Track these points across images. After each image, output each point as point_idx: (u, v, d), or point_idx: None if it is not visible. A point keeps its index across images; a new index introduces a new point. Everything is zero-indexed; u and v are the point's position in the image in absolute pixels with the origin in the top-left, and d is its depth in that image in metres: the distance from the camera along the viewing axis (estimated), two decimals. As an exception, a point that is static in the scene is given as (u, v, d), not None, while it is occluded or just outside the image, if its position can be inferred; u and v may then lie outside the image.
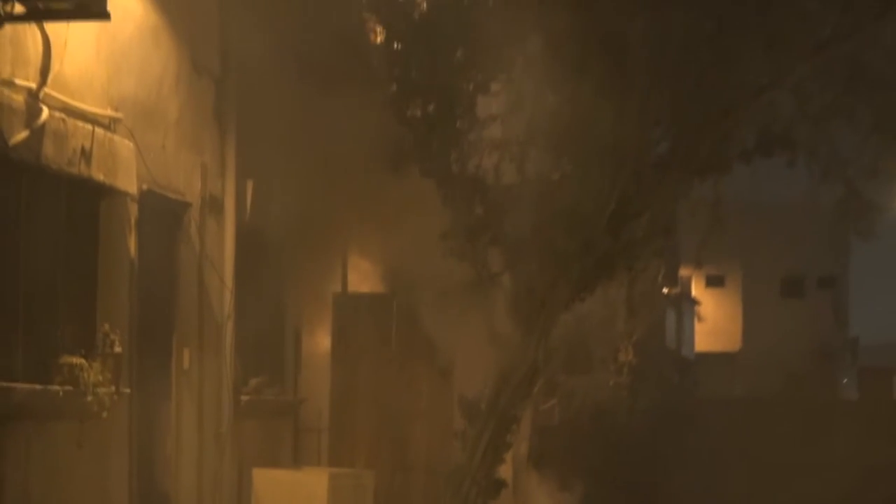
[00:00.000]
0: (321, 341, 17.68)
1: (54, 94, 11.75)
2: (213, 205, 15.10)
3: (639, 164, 19.29)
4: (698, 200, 20.54)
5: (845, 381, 61.89)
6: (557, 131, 19.13)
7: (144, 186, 13.44)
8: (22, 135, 11.27)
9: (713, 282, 65.08)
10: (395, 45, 17.31)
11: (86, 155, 12.23)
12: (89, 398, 12.15)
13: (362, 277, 17.84)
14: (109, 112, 12.75)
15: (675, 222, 21.27)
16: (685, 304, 52.42)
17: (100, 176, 12.47)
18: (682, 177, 19.70)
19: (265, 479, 15.92)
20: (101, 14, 11.37)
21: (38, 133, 11.47)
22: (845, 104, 20.20)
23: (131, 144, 13.04)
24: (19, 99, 11.26)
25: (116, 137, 12.78)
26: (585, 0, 18.43)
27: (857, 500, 27.93)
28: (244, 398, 15.71)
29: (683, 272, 48.33)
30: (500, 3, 18.86)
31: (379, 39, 16.62)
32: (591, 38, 18.67)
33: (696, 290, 59.70)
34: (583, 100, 19.03)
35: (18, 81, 11.31)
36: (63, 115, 11.88)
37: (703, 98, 19.08)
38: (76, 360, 12.14)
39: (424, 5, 18.63)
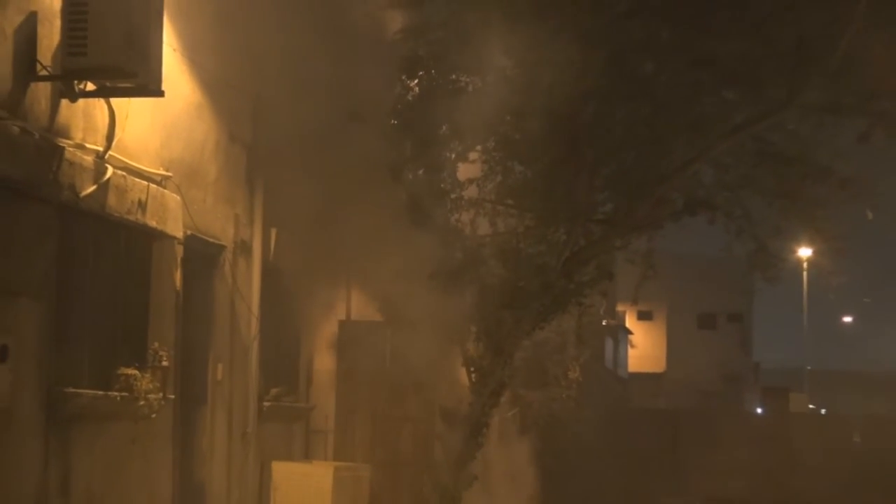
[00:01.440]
0: (328, 359, 17.65)
1: (117, 155, 11.73)
2: (243, 248, 15.09)
3: (588, 221, 19.35)
4: (635, 251, 20.55)
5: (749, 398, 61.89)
6: (522, 193, 19.18)
7: (188, 232, 13.42)
8: (90, 189, 11.25)
9: (644, 316, 65.12)
10: (393, 122, 17.39)
11: (141, 205, 12.22)
12: (141, 403, 12.11)
13: (363, 308, 17.82)
14: (161, 171, 12.76)
15: (616, 268, 21.27)
16: (621, 333, 52.46)
17: (153, 223, 12.46)
18: (622, 232, 19.70)
19: (282, 471, 15.91)
20: (157, 92, 11.41)
21: (103, 187, 11.45)
22: (755, 176, 20.27)
23: (178, 198, 13.03)
24: (89, 159, 11.25)
25: (166, 192, 12.77)
26: (546, 88, 18.48)
27: (758, 492, 27.90)
28: (266, 405, 15.66)
29: (620, 308, 48.40)
30: (476, 90, 18.91)
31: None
32: (550, 119, 18.70)
33: (630, 322, 59.63)
34: (543, 169, 19.08)
35: (88, 145, 11.30)
36: (124, 173, 11.87)
37: (641, 169, 19.11)
38: (131, 371, 12.10)
39: (417, 90, 18.70)
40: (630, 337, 57.14)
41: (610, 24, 18.14)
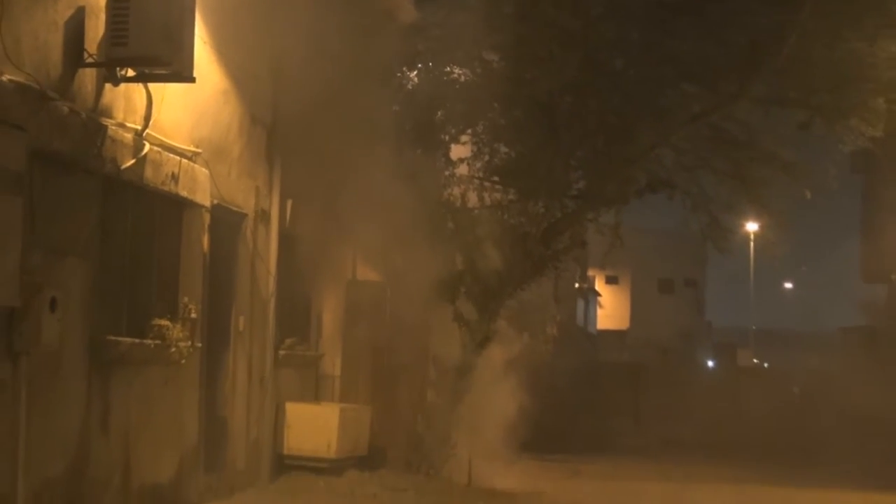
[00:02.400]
0: (336, 314, 17.63)
1: (153, 134, 11.68)
2: (262, 216, 15.04)
3: (564, 196, 19.43)
4: (604, 223, 20.63)
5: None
6: (507, 171, 19.23)
7: (215, 201, 13.37)
8: (130, 162, 11.21)
9: (611, 280, 65.17)
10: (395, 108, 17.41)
11: (174, 178, 12.18)
12: (172, 350, 12.09)
13: (367, 270, 17.82)
14: (192, 148, 12.70)
15: (587, 238, 21.30)
16: (591, 295, 52.48)
17: (184, 193, 12.42)
18: (593, 206, 19.80)
19: (294, 411, 15.89)
20: (189, 78, 11.36)
21: (141, 161, 11.41)
22: (710, 158, 20.34)
23: (206, 171, 12.99)
24: (129, 137, 11.22)
25: (196, 166, 12.74)
26: (529, 81, 18.49)
27: (708, 435, 27.96)
28: (281, 353, 15.63)
29: (591, 273, 48.42)
30: (467, 81, 18.92)
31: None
32: (532, 107, 18.76)
33: (599, 285, 59.71)
34: (525, 150, 19.13)
35: (128, 124, 11.26)
36: (159, 149, 11.83)
37: (610, 152, 19.19)
38: (164, 322, 12.07)
39: (416, 81, 18.71)
40: (598, 298, 57.24)
41: (586, 26, 18.17)
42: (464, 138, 19.07)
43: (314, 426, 15.82)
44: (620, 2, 18.60)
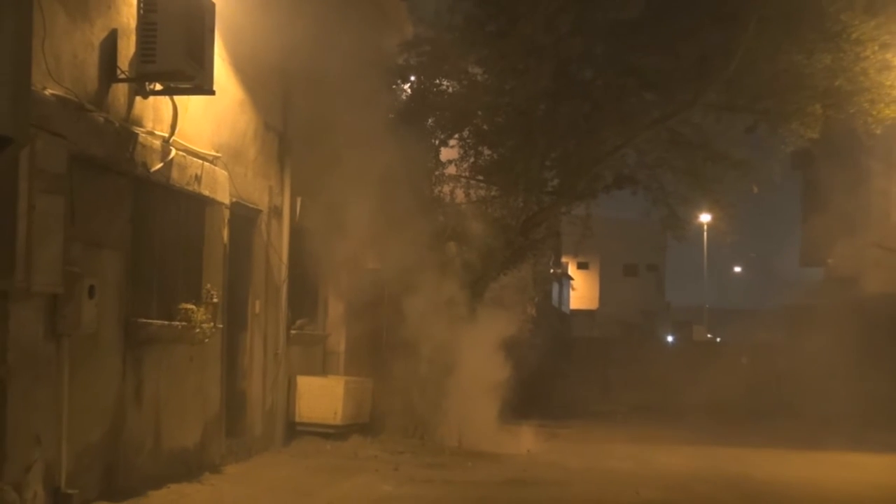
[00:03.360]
0: (341, 298, 17.62)
1: (178, 140, 11.68)
2: (275, 212, 15.04)
3: (540, 192, 19.45)
4: (576, 215, 20.68)
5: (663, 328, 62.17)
6: (490, 171, 19.24)
7: (233, 199, 13.37)
8: (158, 165, 11.21)
9: (582, 266, 64.99)
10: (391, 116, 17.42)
11: (197, 179, 12.18)
12: (197, 330, 12.08)
13: (368, 258, 17.77)
14: (212, 152, 12.70)
15: (561, 228, 21.35)
16: (564, 279, 52.43)
17: (206, 192, 12.42)
18: (566, 201, 19.85)
19: (305, 383, 15.92)
20: (209, 91, 11.36)
21: (168, 164, 11.42)
22: (668, 158, 20.40)
23: (226, 173, 12.99)
24: (157, 143, 11.23)
25: (216, 168, 12.73)
26: (508, 90, 18.52)
27: (668, 400, 27.99)
28: (292, 332, 15.64)
29: (564, 259, 48.38)
30: (454, 92, 18.95)
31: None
32: (511, 114, 18.78)
33: (572, 270, 59.60)
34: (505, 152, 19.15)
35: (156, 132, 11.26)
36: (184, 154, 11.82)
37: (581, 153, 19.23)
38: (189, 306, 12.06)
39: (409, 91, 18.73)
40: (571, 282, 57.13)
41: (557, 42, 18.19)
42: (452, 142, 19.09)
43: (322, 396, 15.86)
44: (587, 20, 18.62)
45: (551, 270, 32.06)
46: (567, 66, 19.01)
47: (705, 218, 29.18)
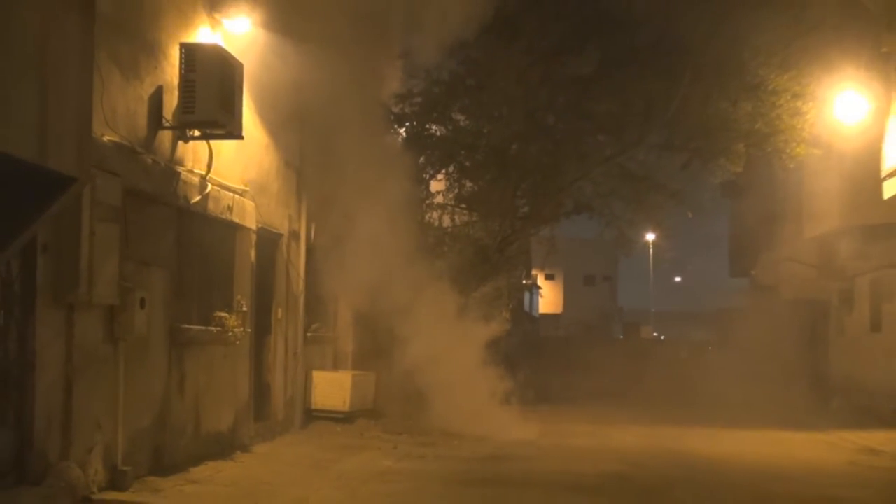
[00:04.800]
0: (348, 306, 17.59)
1: (214, 177, 11.70)
2: (294, 235, 15.06)
3: (513, 217, 19.53)
4: (543, 236, 20.78)
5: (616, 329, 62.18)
6: (471, 200, 19.32)
7: (259, 225, 13.39)
8: (197, 198, 11.25)
9: (549, 277, 64.94)
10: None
11: (229, 209, 12.21)
12: (229, 334, 12.10)
13: (370, 273, 17.71)
14: (242, 186, 12.72)
15: (530, 247, 21.41)
16: (534, 288, 52.43)
17: (236, 220, 12.44)
18: (534, 224, 19.95)
19: (319, 376, 15.89)
20: (239, 136, 11.41)
21: (205, 197, 11.44)
22: (618, 188, 20.49)
23: (253, 204, 13.01)
24: (196, 179, 11.25)
25: (245, 200, 12.76)
26: (486, 133, 18.63)
27: (622, 387, 27.95)
28: (309, 334, 15.63)
29: (534, 272, 48.43)
30: (442, 135, 19.04)
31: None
32: (489, 153, 18.88)
33: (540, 281, 59.57)
34: (484, 184, 19.24)
35: (195, 170, 11.29)
36: (218, 188, 11.84)
37: (546, 184, 19.32)
38: (223, 314, 12.07)
39: (405, 134, 18.80)
40: (540, 290, 57.16)
41: (526, 93, 18.32)
42: (440, 176, 19.16)
43: (333, 388, 15.86)
44: (551, 74, 18.74)
45: (523, 281, 32.08)
46: (535, 113, 19.15)
47: (650, 237, 29.36)
